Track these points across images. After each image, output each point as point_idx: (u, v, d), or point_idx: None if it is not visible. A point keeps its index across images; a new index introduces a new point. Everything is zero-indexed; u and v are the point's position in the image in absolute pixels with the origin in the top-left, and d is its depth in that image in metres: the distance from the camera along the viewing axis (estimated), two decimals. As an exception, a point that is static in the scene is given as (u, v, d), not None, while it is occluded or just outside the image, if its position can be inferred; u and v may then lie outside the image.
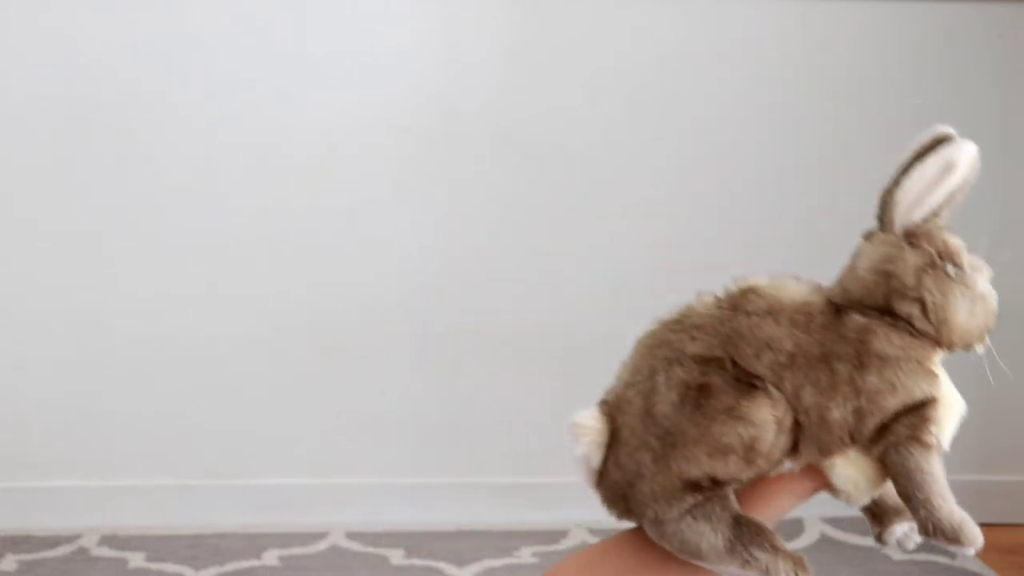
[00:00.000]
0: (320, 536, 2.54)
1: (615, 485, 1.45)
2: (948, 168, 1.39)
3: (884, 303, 1.42)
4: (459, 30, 2.53)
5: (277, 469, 2.63)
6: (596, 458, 1.45)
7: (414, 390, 2.62)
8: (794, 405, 1.40)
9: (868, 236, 1.48)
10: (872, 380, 1.39)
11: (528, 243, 2.59)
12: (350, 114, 2.54)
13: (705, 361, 1.42)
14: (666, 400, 1.41)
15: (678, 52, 2.55)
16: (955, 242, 1.42)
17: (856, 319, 1.41)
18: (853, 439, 1.41)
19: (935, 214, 1.42)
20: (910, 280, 1.40)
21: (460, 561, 2.44)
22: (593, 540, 2.53)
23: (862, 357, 1.39)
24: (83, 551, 2.48)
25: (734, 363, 1.42)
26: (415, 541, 2.53)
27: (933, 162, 1.42)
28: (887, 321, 1.41)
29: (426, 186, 2.57)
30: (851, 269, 1.47)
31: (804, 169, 2.59)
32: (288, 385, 2.60)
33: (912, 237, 1.43)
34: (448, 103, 2.54)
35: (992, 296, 1.42)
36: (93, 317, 2.56)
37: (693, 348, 1.43)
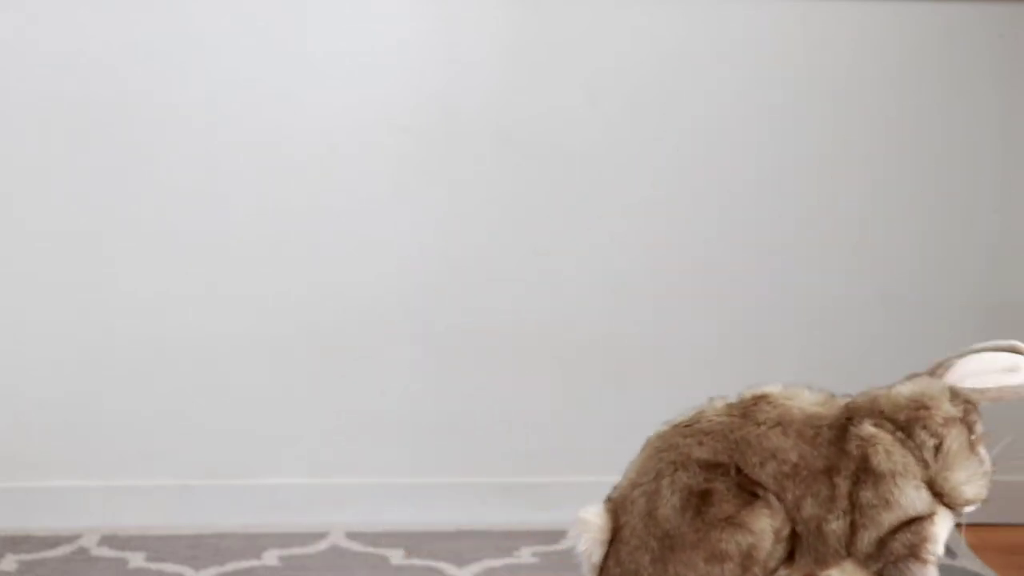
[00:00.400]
0: (320, 536, 2.54)
1: None
2: (1014, 369, 1.48)
3: (904, 424, 1.47)
4: (459, 30, 2.53)
5: (277, 469, 2.63)
6: (597, 554, 1.49)
7: (414, 390, 2.62)
8: (793, 515, 1.44)
9: (912, 376, 1.54)
10: (867, 495, 1.44)
11: (528, 243, 2.59)
12: (350, 114, 2.53)
13: (710, 467, 1.46)
14: (668, 503, 1.45)
15: (678, 52, 2.55)
16: (981, 426, 1.49)
17: (866, 428, 1.46)
18: (849, 551, 1.45)
19: (981, 393, 1.49)
20: (939, 419, 1.47)
21: (460, 561, 2.44)
22: (593, 540, 2.52)
23: (859, 473, 1.45)
24: (83, 551, 2.48)
25: (739, 470, 1.45)
26: (415, 541, 2.52)
27: (1005, 357, 1.52)
28: (897, 436, 1.46)
29: (426, 186, 2.57)
30: (888, 389, 1.52)
31: (804, 169, 2.59)
32: (288, 385, 2.60)
33: (954, 395, 1.50)
34: (448, 103, 2.54)
35: (988, 485, 1.50)
36: (93, 317, 2.56)
37: (700, 453, 1.47)
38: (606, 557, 1.49)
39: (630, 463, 1.53)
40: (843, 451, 1.45)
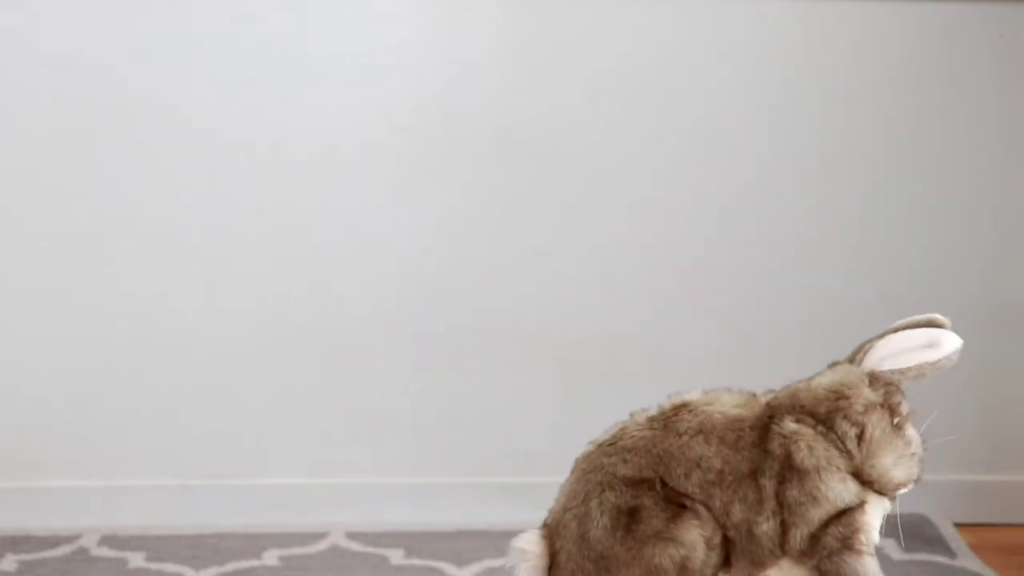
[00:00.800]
0: (320, 536, 2.54)
1: None
2: (932, 344, 1.47)
3: (825, 416, 1.47)
4: (459, 30, 2.53)
5: (277, 469, 2.63)
6: None
7: (414, 390, 2.62)
8: (723, 522, 1.44)
9: (833, 365, 1.54)
10: (793, 493, 1.44)
11: (528, 243, 2.59)
12: (350, 114, 2.53)
13: (636, 483, 1.46)
14: (599, 525, 1.46)
15: (678, 52, 2.55)
16: (906, 406, 1.48)
17: (787, 425, 1.45)
18: (783, 550, 1.45)
19: (901, 373, 1.48)
20: (858, 407, 1.46)
21: (460, 561, 2.44)
22: (593, 540, 2.52)
23: (784, 472, 1.44)
24: (83, 551, 2.48)
25: (664, 483, 1.46)
26: (415, 541, 2.52)
27: (923, 333, 1.50)
28: (819, 430, 1.45)
29: (426, 186, 2.57)
30: (808, 382, 1.52)
31: (804, 169, 2.59)
32: (288, 385, 2.60)
33: (873, 379, 1.49)
34: (448, 103, 2.54)
35: (919, 464, 1.48)
36: (93, 317, 2.56)
37: (624, 471, 1.47)
38: None
39: (561, 486, 1.55)
40: (766, 451, 1.45)
